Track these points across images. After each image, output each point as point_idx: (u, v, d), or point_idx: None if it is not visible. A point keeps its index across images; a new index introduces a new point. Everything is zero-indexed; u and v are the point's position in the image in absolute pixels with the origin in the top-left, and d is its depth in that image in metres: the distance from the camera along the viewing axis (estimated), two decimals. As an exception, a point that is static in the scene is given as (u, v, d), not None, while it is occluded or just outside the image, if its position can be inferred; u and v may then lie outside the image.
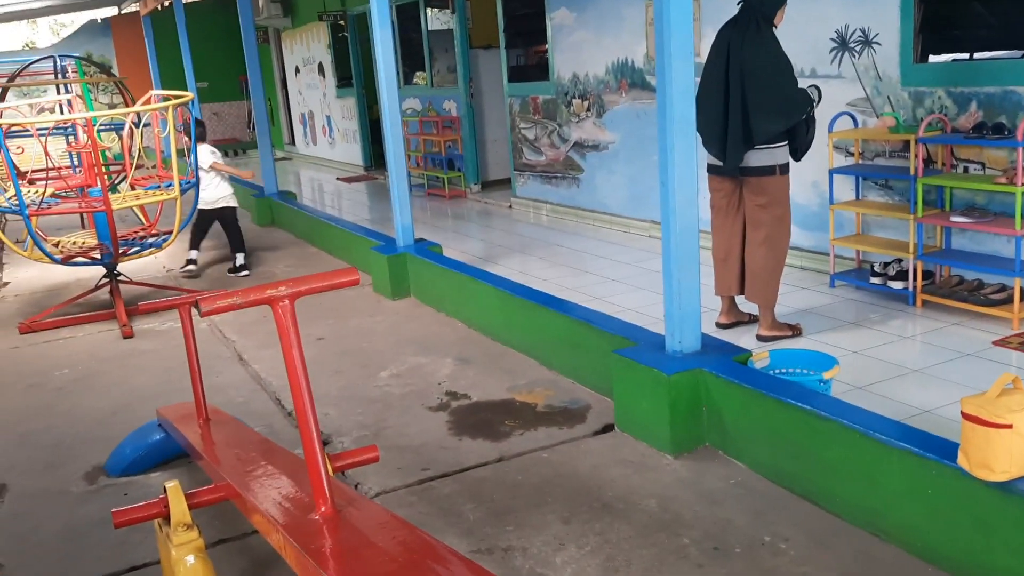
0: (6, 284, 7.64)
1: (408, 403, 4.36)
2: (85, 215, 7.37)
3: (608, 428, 3.87)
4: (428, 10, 11.50)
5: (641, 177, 7.61)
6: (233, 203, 7.68)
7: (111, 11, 19.03)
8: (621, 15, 7.52)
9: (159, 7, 18.31)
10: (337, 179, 13.92)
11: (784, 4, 4.49)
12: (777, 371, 3.72)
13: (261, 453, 2.75)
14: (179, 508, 2.40)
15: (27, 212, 5.55)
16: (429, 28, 11.55)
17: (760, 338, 4.64)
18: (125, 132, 6.23)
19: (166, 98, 6.36)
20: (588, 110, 8.24)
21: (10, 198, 5.85)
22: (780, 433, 3.20)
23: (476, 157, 10.93)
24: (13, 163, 5.45)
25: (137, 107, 6.03)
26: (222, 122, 20.01)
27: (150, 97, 6.52)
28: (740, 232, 4.69)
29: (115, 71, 19.07)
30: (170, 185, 6.33)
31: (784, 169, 4.52)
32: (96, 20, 19.12)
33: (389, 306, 6.17)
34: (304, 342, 2.26)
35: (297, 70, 16.78)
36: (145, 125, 6.11)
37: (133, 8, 16.90)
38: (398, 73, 13.49)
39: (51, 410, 4.63)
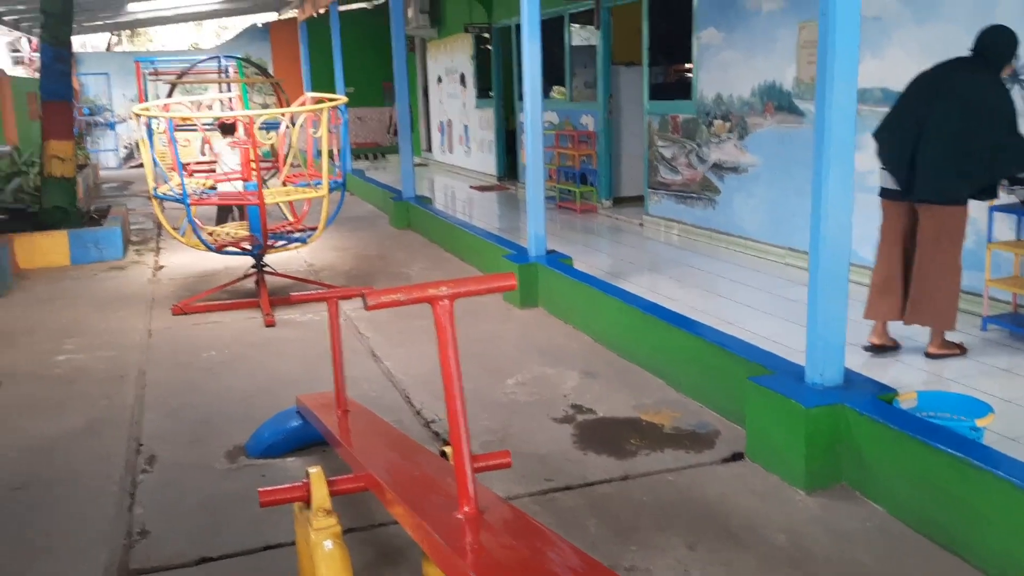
0: (161, 268, 8.15)
1: (533, 412, 4.39)
2: (238, 207, 7.78)
3: (737, 456, 3.78)
4: (572, 25, 11.58)
5: (782, 202, 7.42)
6: None
7: (271, 16, 20.07)
8: (773, 36, 7.36)
9: (315, 13, 19.22)
10: (470, 187, 14.17)
11: (1014, 56, 4.59)
12: (925, 414, 3.55)
13: (399, 447, 2.82)
14: (321, 493, 2.49)
15: (188, 201, 5.90)
16: (572, 44, 11.63)
17: (929, 356, 4.72)
18: (281, 131, 6.54)
19: (320, 100, 6.65)
20: (730, 131, 8.10)
21: (175, 187, 6.23)
22: (926, 478, 3.05)
23: (610, 173, 10.91)
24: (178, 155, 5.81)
25: (294, 107, 6.33)
26: (364, 126, 20.74)
27: (304, 99, 6.83)
28: (903, 258, 4.74)
29: (271, 73, 20.11)
30: (319, 184, 6.61)
31: (965, 199, 4.56)
32: (256, 24, 20.20)
33: (517, 315, 6.23)
34: (433, 343, 2.32)
35: (439, 79, 17.22)
36: (300, 125, 6.39)
37: (291, 14, 17.74)
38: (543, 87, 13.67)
39: (198, 388, 4.90)
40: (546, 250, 6.53)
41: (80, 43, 20.66)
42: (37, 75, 10.75)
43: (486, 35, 14.40)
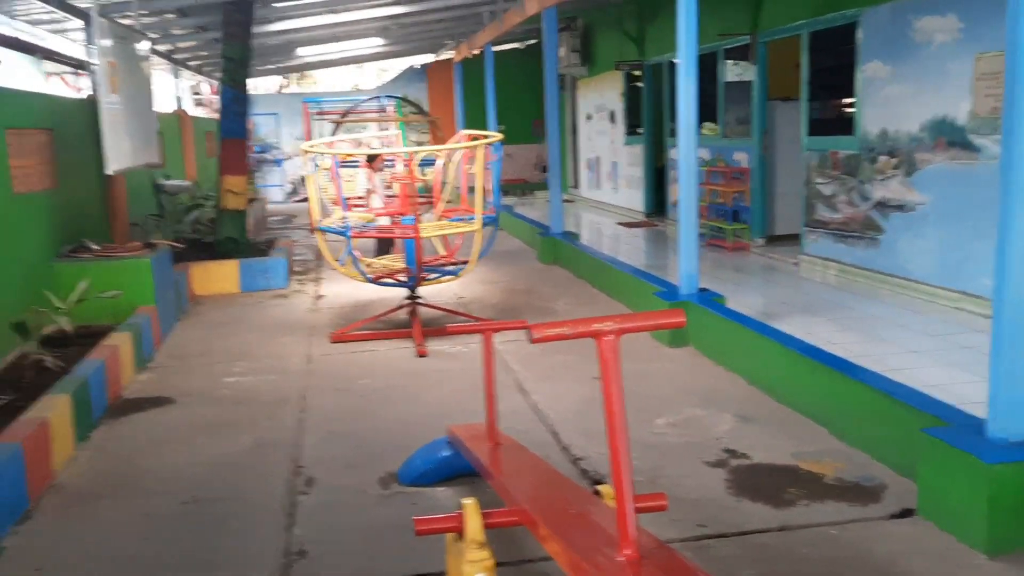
0: (321, 297, 8.53)
1: (684, 454, 4.27)
2: (395, 240, 8.06)
3: (907, 513, 3.53)
4: (726, 62, 11.41)
5: (955, 243, 6.97)
6: None
7: (428, 58, 20.85)
8: (945, 69, 6.98)
9: (471, 54, 19.84)
10: (617, 223, 14.13)
11: None
12: None
13: (552, 482, 2.80)
14: (475, 525, 2.50)
15: (350, 233, 6.15)
16: (725, 79, 11.45)
17: None
18: (438, 167, 6.74)
19: (475, 138, 6.82)
20: (896, 168, 7.71)
21: (337, 220, 6.52)
22: None
23: (763, 210, 10.61)
24: (342, 192, 6.09)
25: (451, 144, 6.52)
26: (513, 163, 21.12)
27: (460, 136, 7.01)
28: None
29: (427, 112, 20.87)
30: (472, 219, 6.75)
31: None
32: (414, 66, 21.03)
33: (667, 353, 6.11)
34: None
35: (589, 116, 17.33)
36: (456, 161, 6.57)
37: (448, 55, 18.38)
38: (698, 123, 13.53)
39: (354, 414, 5.06)
40: (698, 288, 6.40)
41: (252, 85, 22.14)
42: (215, 116, 11.61)
43: (637, 72, 14.40)
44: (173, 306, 7.50)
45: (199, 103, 21.78)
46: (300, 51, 15.86)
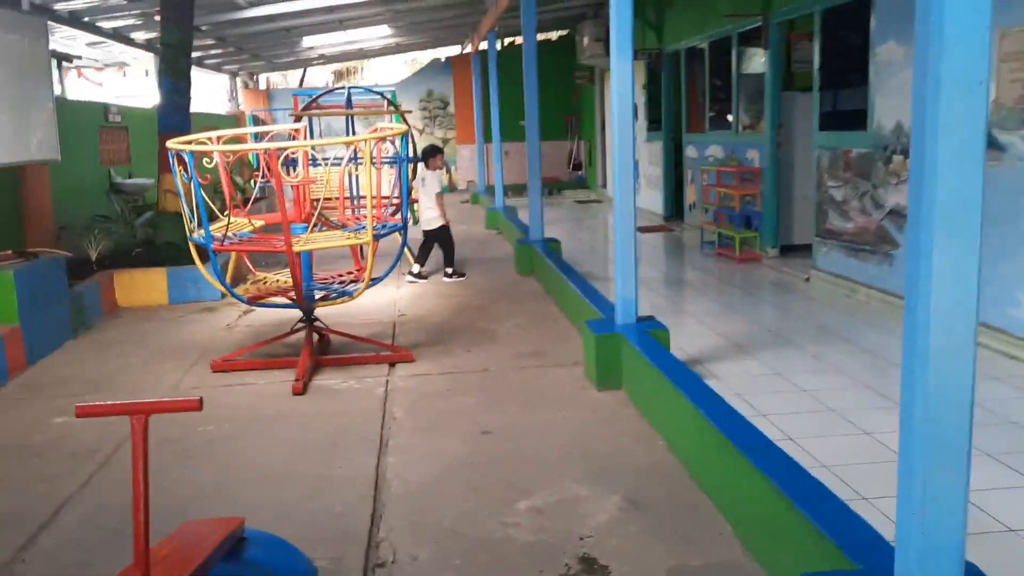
0: (248, 313, 7.58)
1: (525, 563, 3.13)
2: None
3: None
4: (741, 47, 10.07)
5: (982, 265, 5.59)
6: (444, 222, 9.01)
7: (455, 50, 19.91)
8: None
9: (500, 46, 18.75)
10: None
11: None
12: None
13: None
14: None
15: (212, 246, 5.18)
16: (742, 70, 10.12)
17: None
18: (342, 167, 5.71)
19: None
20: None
21: (219, 228, 5.55)
22: None
23: (776, 217, 9.28)
24: (203, 195, 5.10)
25: (346, 138, 5.45)
26: (544, 161, 19.84)
27: (375, 128, 5.98)
28: None
29: (451, 106, 19.90)
30: (393, 227, 5.72)
31: None
32: (440, 59, 20.08)
33: (590, 398, 4.94)
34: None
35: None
36: (351, 160, 5.52)
37: (483, 46, 17.38)
38: (684, 112, 12.19)
39: (153, 476, 4.05)
40: (636, 317, 5.21)
41: (308, 80, 21.44)
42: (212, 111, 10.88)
43: (653, 60, 13.14)
44: (65, 323, 6.65)
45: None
46: (307, 41, 15.06)
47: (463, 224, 13.66)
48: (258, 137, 6.71)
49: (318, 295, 5.70)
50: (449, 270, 8.96)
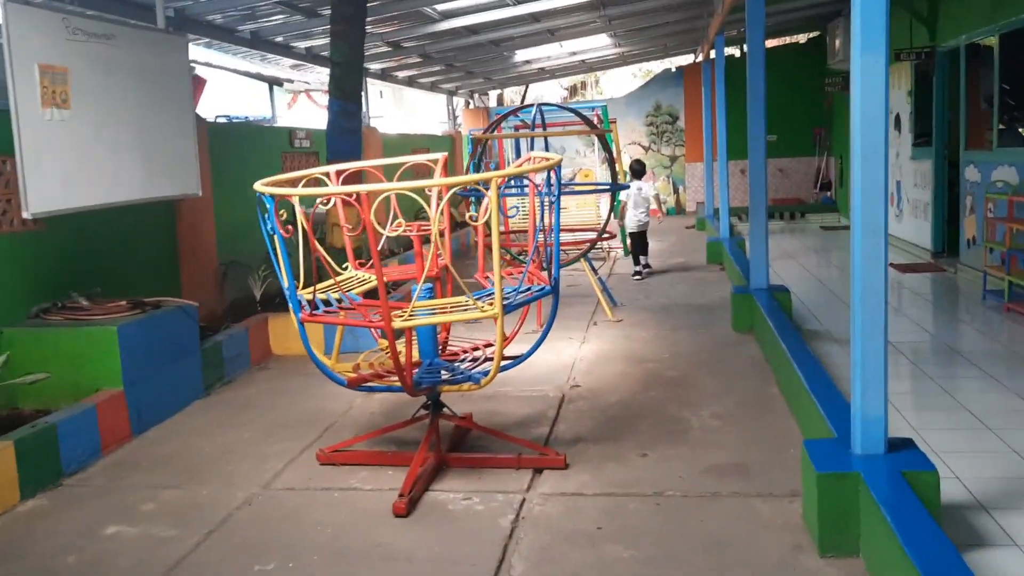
0: (400, 371, 6.47)
1: None
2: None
3: None
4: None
5: None
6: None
7: (687, 59, 18.27)
8: None
9: (735, 54, 16.83)
10: (890, 265, 10.54)
11: None
12: None
13: None
14: None
15: (300, 315, 4.05)
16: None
17: None
18: (482, 208, 4.39)
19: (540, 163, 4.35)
20: None
21: (329, 287, 4.46)
22: None
23: (1099, 265, 6.82)
24: (285, 247, 3.99)
25: (489, 173, 4.10)
26: (787, 179, 17.71)
27: (529, 157, 4.63)
28: None
29: (680, 120, 18.19)
30: (542, 289, 4.34)
31: None
32: (671, 69, 18.45)
33: (806, 568, 3.23)
34: None
35: (872, 123, 13.63)
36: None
37: (712, 54, 15.65)
38: (963, 124, 9.67)
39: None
40: (886, 445, 3.40)
41: (535, 96, 20.81)
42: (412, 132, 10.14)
43: (920, 60, 10.73)
44: (194, 381, 5.88)
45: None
46: (520, 55, 14.08)
47: (680, 257, 11.96)
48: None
49: (443, 375, 4.40)
50: (638, 267, 10.15)
